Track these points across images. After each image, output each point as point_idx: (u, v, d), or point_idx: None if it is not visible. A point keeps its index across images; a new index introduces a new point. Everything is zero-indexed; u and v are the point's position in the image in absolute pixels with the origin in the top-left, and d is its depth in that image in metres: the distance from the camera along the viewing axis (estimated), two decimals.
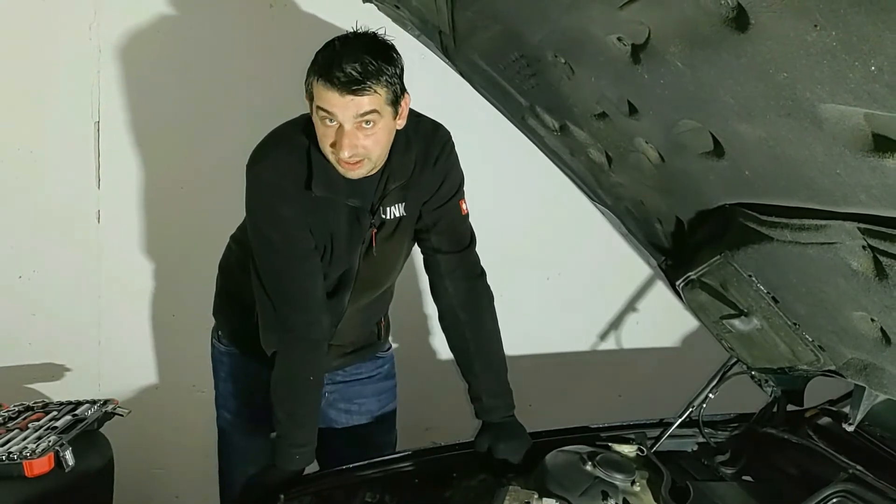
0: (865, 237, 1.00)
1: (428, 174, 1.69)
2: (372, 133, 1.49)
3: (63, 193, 2.58)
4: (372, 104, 1.46)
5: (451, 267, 1.77)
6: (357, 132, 1.48)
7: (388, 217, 1.69)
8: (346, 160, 1.50)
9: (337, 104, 1.45)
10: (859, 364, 1.29)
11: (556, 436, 1.77)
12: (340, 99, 1.45)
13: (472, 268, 1.79)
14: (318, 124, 1.52)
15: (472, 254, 1.80)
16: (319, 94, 1.47)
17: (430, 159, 1.68)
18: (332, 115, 1.47)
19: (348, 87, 1.43)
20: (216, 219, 1.79)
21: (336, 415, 1.96)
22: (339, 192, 1.61)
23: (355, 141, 1.48)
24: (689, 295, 1.60)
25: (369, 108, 1.46)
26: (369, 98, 1.45)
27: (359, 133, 1.48)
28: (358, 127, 1.48)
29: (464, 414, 2.67)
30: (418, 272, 1.81)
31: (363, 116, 1.47)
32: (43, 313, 2.64)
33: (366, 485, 1.67)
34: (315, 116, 1.51)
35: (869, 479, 1.41)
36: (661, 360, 2.86)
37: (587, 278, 2.80)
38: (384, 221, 1.69)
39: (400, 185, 1.66)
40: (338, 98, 1.45)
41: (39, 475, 1.74)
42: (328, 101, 1.46)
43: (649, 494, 1.55)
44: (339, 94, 1.44)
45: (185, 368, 2.72)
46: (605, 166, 1.54)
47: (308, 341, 1.69)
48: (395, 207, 1.69)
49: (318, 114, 1.49)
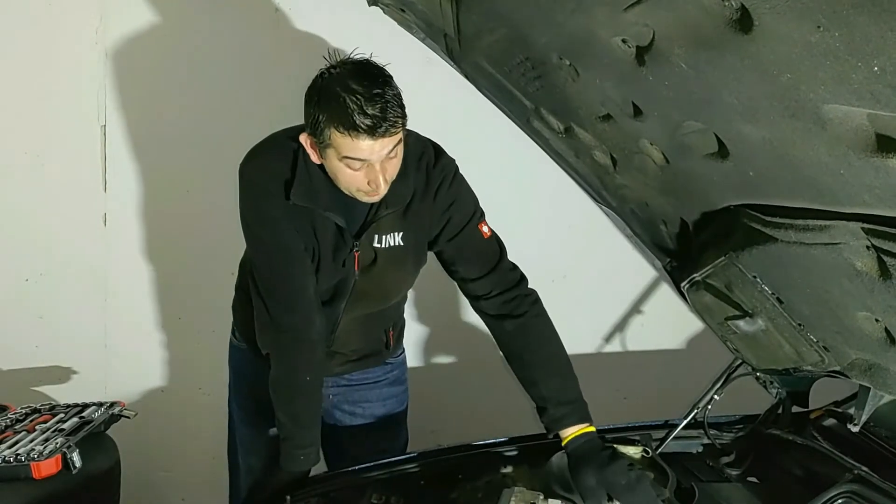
0: (869, 237, 1.00)
1: (428, 206, 1.66)
2: (395, 158, 1.49)
3: (69, 197, 2.60)
4: (398, 136, 1.45)
5: (487, 289, 1.71)
6: (385, 164, 1.47)
7: (382, 245, 1.66)
8: (379, 192, 1.50)
9: (370, 150, 1.42)
10: (864, 364, 1.29)
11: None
12: (373, 143, 1.41)
13: (508, 280, 1.72)
14: (339, 170, 1.48)
15: (504, 267, 1.72)
16: (345, 145, 1.42)
17: (431, 191, 1.65)
18: (363, 161, 1.45)
19: (377, 130, 1.40)
20: (222, 222, 1.80)
21: (341, 416, 1.96)
22: (318, 204, 1.59)
23: (386, 174, 1.48)
24: (694, 296, 1.60)
25: (397, 140, 1.45)
26: (397, 133, 1.44)
27: (386, 165, 1.47)
28: (386, 160, 1.47)
29: (469, 416, 2.70)
30: (428, 273, 1.80)
31: (392, 150, 1.46)
32: (49, 316, 2.65)
33: (372, 486, 1.67)
34: (335, 163, 1.47)
35: (874, 479, 1.41)
36: (666, 362, 2.86)
37: (592, 281, 2.81)
38: (377, 249, 1.66)
39: (395, 213, 1.64)
40: (369, 143, 1.41)
41: (47, 476, 1.75)
42: (359, 150, 1.42)
43: None
44: (371, 140, 1.41)
45: (191, 371, 2.73)
46: (609, 168, 1.55)
47: (301, 341, 1.68)
48: (390, 236, 1.66)
49: (344, 161, 1.46)
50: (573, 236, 2.77)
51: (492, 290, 1.71)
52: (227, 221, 1.71)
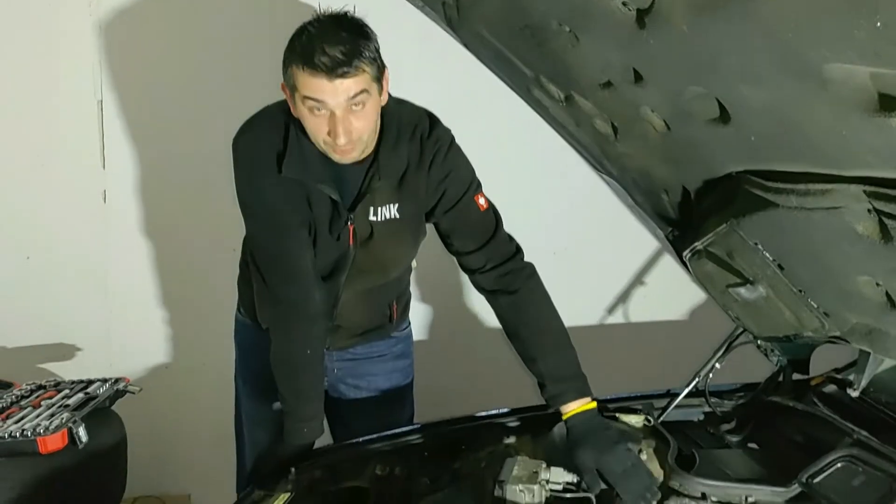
0: (871, 200, 1.00)
1: (423, 178, 1.64)
2: (363, 115, 1.47)
3: (68, 174, 2.59)
4: (360, 84, 1.43)
5: (482, 262, 1.71)
6: (349, 116, 1.45)
7: (378, 218, 1.65)
8: (341, 147, 1.49)
9: (326, 90, 1.42)
10: (864, 329, 1.30)
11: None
12: (329, 84, 1.41)
13: (503, 253, 1.71)
14: (305, 116, 1.48)
15: (500, 240, 1.71)
16: (305, 83, 1.42)
17: (425, 163, 1.63)
18: (321, 103, 1.43)
19: (335, 70, 1.39)
20: (223, 197, 1.79)
21: (346, 389, 1.97)
22: (311, 177, 1.59)
23: (349, 126, 1.46)
24: (696, 265, 1.60)
25: (358, 88, 1.43)
26: (357, 79, 1.42)
27: (350, 117, 1.46)
28: (349, 111, 1.45)
29: (471, 388, 2.71)
30: (429, 246, 1.79)
31: (354, 99, 1.44)
32: (52, 294, 2.66)
33: (376, 457, 1.68)
34: (301, 108, 1.47)
35: (874, 443, 1.42)
36: (668, 333, 2.87)
37: (594, 253, 2.81)
38: (373, 222, 1.65)
39: (389, 186, 1.63)
40: (327, 84, 1.41)
41: (53, 451, 1.76)
42: (317, 89, 1.42)
43: (656, 462, 1.57)
44: (328, 80, 1.40)
45: (195, 348, 2.74)
46: (610, 137, 1.54)
47: (300, 315, 1.68)
48: (385, 209, 1.65)
49: (306, 104, 1.45)
50: (574, 208, 2.77)
51: (486, 263, 1.70)
52: (227, 197, 1.70)
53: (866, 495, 1.31)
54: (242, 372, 2.04)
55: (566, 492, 1.48)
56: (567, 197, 2.75)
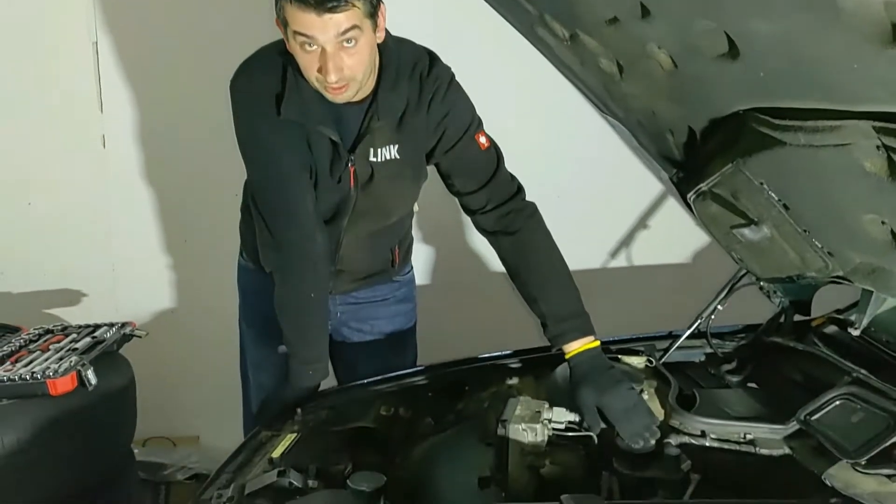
0: (880, 136, 0.99)
1: (422, 117, 1.62)
2: (355, 52, 1.44)
3: (66, 118, 2.57)
4: (351, 20, 1.40)
5: (483, 202, 1.70)
6: (340, 53, 1.43)
7: (378, 159, 1.63)
8: (333, 85, 1.46)
9: (316, 25, 1.39)
10: (868, 268, 1.30)
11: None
12: (318, 19, 1.38)
13: (504, 193, 1.69)
14: (297, 52, 1.46)
15: (501, 179, 1.70)
16: (294, 17, 1.39)
17: (424, 102, 1.60)
18: (311, 38, 1.41)
19: (325, 4, 1.36)
20: (224, 142, 1.78)
21: (349, 333, 1.99)
22: (310, 119, 1.57)
23: (340, 63, 1.43)
24: (700, 207, 1.59)
25: (349, 24, 1.40)
26: (348, 14, 1.39)
27: (342, 54, 1.43)
28: (340, 47, 1.42)
29: (473, 331, 2.73)
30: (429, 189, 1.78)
31: (344, 35, 1.41)
32: (55, 240, 2.66)
33: (380, 398, 1.70)
34: (293, 44, 1.45)
35: (873, 382, 1.43)
36: (671, 276, 2.88)
37: (598, 196, 2.80)
38: (374, 163, 1.64)
39: (388, 126, 1.61)
40: (315, 19, 1.38)
41: (63, 394, 1.79)
42: (306, 24, 1.39)
43: (657, 402, 1.58)
44: (317, 14, 1.37)
45: (200, 292, 2.76)
46: (616, 76, 1.52)
47: (303, 258, 1.68)
48: (385, 149, 1.63)
49: (297, 39, 1.42)
50: (578, 150, 2.74)
51: (487, 202, 1.69)
52: (228, 141, 1.69)
53: (864, 432, 1.32)
54: (246, 316, 2.05)
55: (568, 431, 1.50)
56: (570, 139, 2.72)
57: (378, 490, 1.20)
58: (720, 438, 1.45)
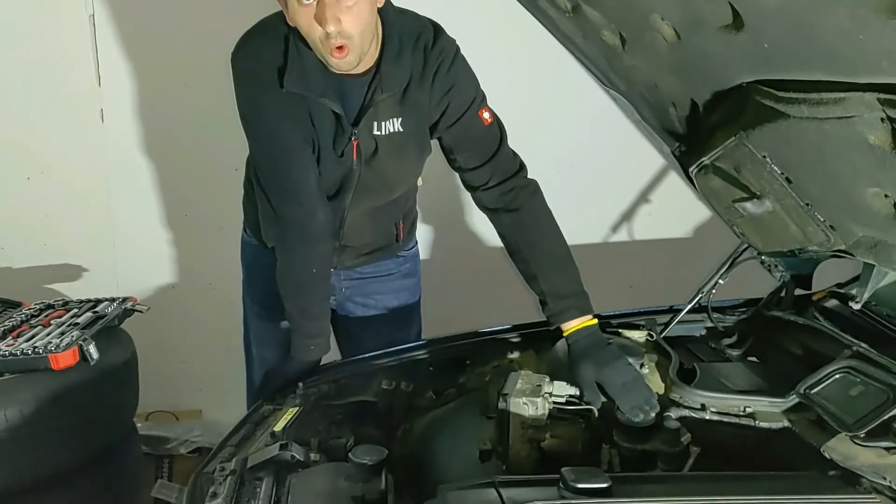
0: (885, 108, 0.98)
1: (426, 91, 1.60)
2: (356, 11, 1.42)
3: (64, 92, 2.54)
4: None
5: (485, 178, 1.68)
6: (338, 4, 1.41)
7: (382, 132, 1.62)
8: (334, 44, 1.44)
9: None
10: (870, 242, 1.30)
11: None
12: None
13: (507, 170, 1.69)
14: (295, 11, 1.44)
15: (504, 155, 1.69)
16: None
17: (428, 75, 1.59)
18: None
19: None
20: (223, 116, 1.76)
21: (354, 308, 1.99)
22: (312, 91, 1.55)
23: (337, 13, 1.41)
24: (702, 181, 1.58)
25: None
26: None
27: (340, 4, 1.41)
28: (341, 5, 1.41)
29: (475, 306, 2.74)
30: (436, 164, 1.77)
31: None
32: (55, 214, 2.66)
33: (382, 372, 1.71)
34: (292, 4, 1.43)
35: (872, 355, 1.43)
36: (673, 251, 2.88)
37: (599, 170, 2.79)
38: (378, 136, 1.62)
39: (392, 99, 1.59)
40: None
41: (65, 368, 1.80)
42: None
43: (657, 376, 1.59)
44: None
45: (201, 267, 2.76)
46: (618, 48, 1.50)
47: (304, 235, 1.68)
48: (389, 123, 1.62)
49: None
50: (579, 124, 2.73)
51: (490, 179, 1.68)
52: (228, 114, 1.67)
53: (863, 405, 1.33)
54: (250, 291, 2.05)
55: (568, 404, 1.51)
56: (572, 113, 2.70)
57: (380, 463, 1.20)
58: (720, 412, 1.46)
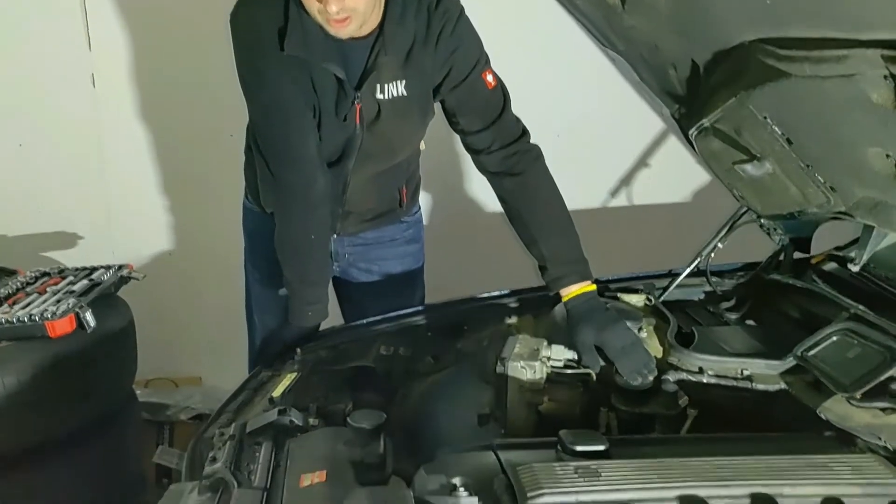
0: (888, 65, 0.97)
1: (430, 53, 1.58)
2: None
3: (54, 57, 2.51)
4: None
5: (488, 142, 1.67)
6: None
7: (385, 96, 1.60)
8: (335, 17, 1.42)
9: None
10: (870, 203, 1.29)
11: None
12: None
13: (509, 134, 1.67)
14: None
15: (507, 120, 1.67)
16: None
17: (432, 37, 1.57)
18: None
19: None
20: (219, 80, 1.73)
21: (357, 274, 1.98)
22: (314, 54, 1.53)
23: None
24: (702, 143, 1.57)
25: None
26: None
27: None
28: None
29: (473, 273, 2.74)
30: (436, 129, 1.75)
31: None
32: (48, 181, 2.64)
33: (380, 338, 1.71)
34: None
35: (870, 317, 1.43)
36: (672, 215, 2.87)
37: (598, 134, 2.76)
38: (381, 100, 1.60)
39: (395, 61, 1.57)
40: None
41: (62, 336, 1.80)
42: None
43: (655, 340, 1.59)
44: None
45: (198, 234, 2.76)
46: (618, 8, 1.47)
47: (303, 201, 1.67)
48: (392, 86, 1.60)
49: None
50: (578, 87, 2.70)
51: (492, 143, 1.67)
52: (225, 78, 1.64)
53: (860, 367, 1.33)
54: (251, 258, 2.04)
55: (567, 368, 1.51)
56: (570, 76, 2.68)
57: (378, 427, 1.21)
58: (717, 374, 1.46)
